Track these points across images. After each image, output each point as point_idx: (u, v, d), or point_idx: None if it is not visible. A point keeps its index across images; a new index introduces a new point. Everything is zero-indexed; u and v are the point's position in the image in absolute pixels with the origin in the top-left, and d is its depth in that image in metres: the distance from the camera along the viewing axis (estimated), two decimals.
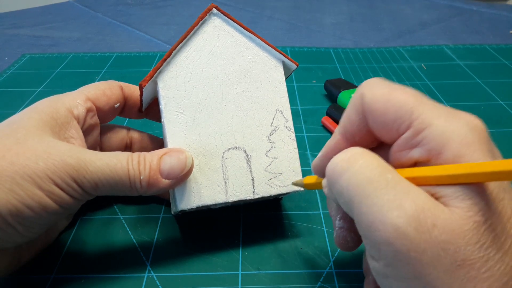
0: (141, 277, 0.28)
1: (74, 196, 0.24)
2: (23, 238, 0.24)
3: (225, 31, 0.29)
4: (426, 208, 0.16)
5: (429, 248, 0.16)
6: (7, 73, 0.57)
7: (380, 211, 0.17)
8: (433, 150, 0.18)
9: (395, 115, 0.18)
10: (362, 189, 0.17)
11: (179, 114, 0.28)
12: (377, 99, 0.19)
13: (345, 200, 0.18)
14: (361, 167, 0.18)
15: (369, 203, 0.17)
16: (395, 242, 0.16)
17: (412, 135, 0.18)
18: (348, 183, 0.18)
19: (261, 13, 0.82)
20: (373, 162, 0.18)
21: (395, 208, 0.16)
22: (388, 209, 0.16)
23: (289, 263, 0.29)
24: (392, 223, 0.16)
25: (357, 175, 0.18)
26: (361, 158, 0.18)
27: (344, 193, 0.18)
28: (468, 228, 0.16)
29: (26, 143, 0.23)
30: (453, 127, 0.17)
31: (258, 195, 0.28)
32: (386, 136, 0.20)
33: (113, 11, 0.83)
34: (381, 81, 0.20)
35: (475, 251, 0.16)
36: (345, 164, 0.19)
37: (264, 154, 0.28)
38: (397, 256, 0.16)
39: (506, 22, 0.75)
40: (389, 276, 0.17)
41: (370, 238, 0.17)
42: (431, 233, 0.16)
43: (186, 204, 0.27)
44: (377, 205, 0.17)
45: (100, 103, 0.29)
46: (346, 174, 0.18)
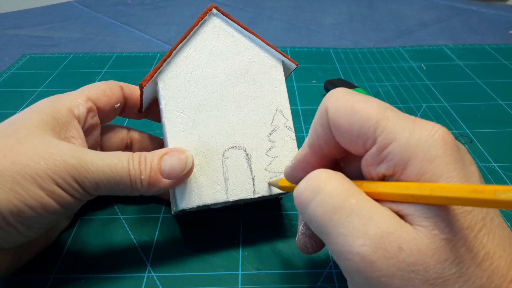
0: (141, 277, 0.28)
1: (75, 196, 0.24)
2: (24, 238, 0.24)
3: (225, 31, 0.29)
4: (390, 232, 0.16)
5: (398, 271, 0.16)
6: (7, 73, 0.57)
7: (347, 241, 0.17)
8: (398, 166, 0.17)
9: (359, 131, 0.18)
10: (328, 219, 0.17)
11: (180, 114, 0.28)
12: (341, 114, 0.19)
13: (315, 228, 0.19)
14: (325, 196, 0.18)
15: (336, 232, 0.17)
16: (364, 270, 0.16)
17: (377, 151, 0.18)
18: (314, 213, 0.18)
19: (261, 13, 0.82)
20: (337, 188, 0.18)
21: (360, 236, 0.16)
22: (353, 238, 0.16)
23: (289, 263, 0.29)
24: (358, 252, 0.16)
25: (321, 204, 0.18)
26: (325, 184, 0.18)
27: (313, 222, 0.18)
28: (436, 247, 0.16)
29: (27, 143, 0.23)
30: (417, 140, 0.17)
31: (258, 195, 0.28)
32: (353, 150, 0.19)
33: (113, 12, 0.83)
34: (344, 93, 0.19)
35: (446, 268, 0.16)
36: (309, 193, 0.19)
37: (264, 154, 0.28)
38: (369, 282, 0.16)
39: (506, 22, 0.75)
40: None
41: (341, 266, 0.17)
42: (398, 257, 0.16)
43: (187, 204, 0.27)
44: (343, 235, 0.17)
45: (101, 103, 0.29)
46: (311, 204, 0.18)
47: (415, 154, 0.17)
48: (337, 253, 0.17)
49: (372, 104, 0.18)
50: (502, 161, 0.38)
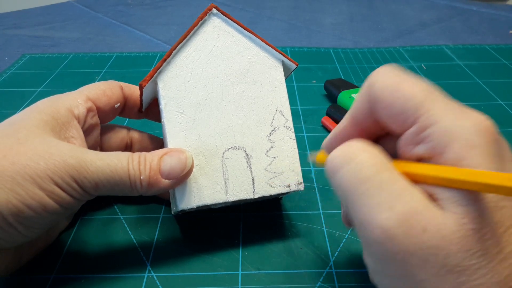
0: (141, 277, 0.28)
1: (74, 196, 0.24)
2: (24, 238, 0.24)
3: (225, 31, 0.29)
4: (418, 211, 0.16)
5: (417, 251, 0.16)
6: (7, 73, 0.57)
7: (371, 211, 0.17)
8: (436, 149, 0.17)
9: (401, 108, 0.18)
10: (356, 187, 0.17)
11: (179, 114, 0.28)
12: (386, 89, 0.19)
13: (341, 194, 0.19)
14: (358, 164, 0.18)
15: (362, 202, 0.17)
16: (383, 243, 0.16)
17: (417, 131, 0.18)
18: (344, 179, 0.18)
19: (261, 13, 0.82)
20: (371, 159, 0.18)
21: (386, 210, 0.16)
22: (379, 210, 0.16)
23: (289, 263, 0.29)
24: (381, 225, 0.16)
25: (353, 172, 0.18)
26: (360, 154, 0.18)
27: (340, 187, 0.18)
28: (462, 235, 0.16)
29: (27, 143, 0.23)
30: (459, 127, 0.17)
31: (258, 195, 0.28)
32: (392, 127, 0.19)
33: (113, 11, 0.83)
34: (393, 70, 0.19)
35: (466, 258, 0.15)
36: (343, 159, 0.18)
37: (264, 154, 0.28)
38: (386, 255, 0.16)
39: (506, 22, 0.75)
40: (378, 272, 0.18)
41: (361, 235, 0.18)
42: (421, 237, 0.16)
43: (187, 204, 0.27)
44: (369, 206, 0.17)
45: (101, 103, 0.29)
46: (342, 170, 0.18)
47: (456, 139, 0.17)
48: (359, 221, 0.17)
49: (419, 84, 0.18)
50: None
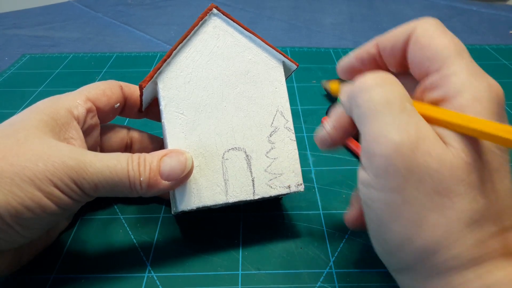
0: (141, 277, 0.28)
1: (73, 197, 0.24)
2: (23, 238, 0.24)
3: (225, 31, 0.29)
4: (428, 139, 0.18)
5: (418, 169, 0.18)
6: (7, 73, 0.57)
7: (387, 128, 0.19)
8: (448, 95, 0.20)
9: (432, 55, 0.20)
10: (381, 107, 0.19)
11: (179, 114, 0.28)
12: (427, 33, 0.21)
13: (361, 112, 0.20)
14: (388, 90, 0.20)
15: (382, 120, 0.19)
16: (391, 155, 0.18)
17: (440, 77, 0.20)
18: (371, 98, 0.20)
19: (261, 13, 0.82)
20: (399, 90, 0.20)
21: (402, 130, 0.18)
22: (394, 128, 0.18)
23: (289, 263, 0.29)
24: (393, 139, 0.18)
25: (382, 94, 0.20)
26: (391, 83, 0.20)
27: (363, 106, 0.20)
28: (457, 166, 0.18)
29: (26, 144, 0.23)
30: (474, 82, 0.19)
31: (258, 196, 0.28)
32: (415, 68, 0.22)
33: (113, 11, 0.83)
34: (438, 23, 0.22)
35: (456, 185, 0.18)
36: (378, 81, 0.20)
37: (264, 155, 0.28)
38: (388, 168, 0.18)
39: (506, 22, 0.75)
40: (372, 186, 0.19)
41: (369, 149, 0.19)
42: (425, 158, 0.18)
43: (186, 205, 0.27)
44: (387, 123, 0.19)
45: (100, 103, 0.29)
46: (373, 90, 0.20)
47: (469, 91, 0.19)
48: (372, 136, 0.19)
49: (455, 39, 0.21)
50: None
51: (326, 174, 0.37)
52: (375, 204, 0.19)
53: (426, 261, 0.19)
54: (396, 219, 0.19)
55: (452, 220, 0.18)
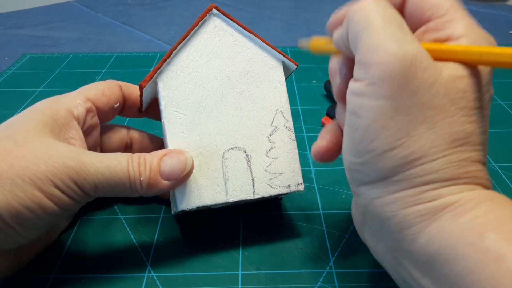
0: (141, 277, 0.28)
1: (74, 197, 0.24)
2: (23, 239, 0.24)
3: (225, 32, 0.29)
4: (425, 55, 0.19)
5: (415, 80, 0.18)
6: (7, 73, 0.57)
7: (388, 39, 0.19)
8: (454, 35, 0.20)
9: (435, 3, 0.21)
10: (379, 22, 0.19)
11: (179, 114, 0.28)
12: None
13: (359, 28, 0.20)
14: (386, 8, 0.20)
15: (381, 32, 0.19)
16: (389, 62, 0.18)
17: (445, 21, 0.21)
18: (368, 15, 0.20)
19: (261, 13, 0.82)
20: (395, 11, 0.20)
21: (401, 43, 0.19)
22: (394, 40, 0.19)
23: (289, 263, 0.29)
24: (393, 49, 0.18)
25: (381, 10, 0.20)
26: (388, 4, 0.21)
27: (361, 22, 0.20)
28: (452, 88, 0.19)
29: (26, 145, 0.23)
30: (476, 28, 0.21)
31: (258, 195, 0.28)
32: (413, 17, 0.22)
33: (113, 12, 0.83)
34: None
35: (448, 104, 0.19)
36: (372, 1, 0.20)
37: (264, 154, 0.28)
38: (385, 75, 0.19)
39: (506, 22, 0.75)
40: (365, 94, 0.20)
41: (365, 58, 0.19)
42: (423, 71, 0.19)
43: (186, 205, 0.27)
44: (387, 35, 0.19)
45: (100, 103, 0.29)
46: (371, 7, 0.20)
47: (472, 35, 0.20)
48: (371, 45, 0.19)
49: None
50: (502, 161, 0.38)
51: (326, 174, 0.37)
52: (365, 112, 0.20)
53: (405, 171, 0.19)
54: (386, 126, 0.19)
55: (439, 135, 0.19)
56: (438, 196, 0.19)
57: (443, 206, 0.19)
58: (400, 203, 0.19)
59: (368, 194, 0.21)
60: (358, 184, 0.22)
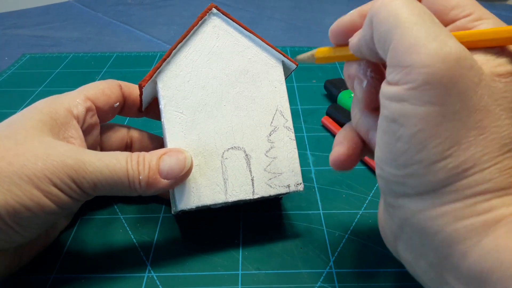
0: (141, 277, 0.28)
1: (72, 196, 0.24)
2: (22, 238, 0.24)
3: (224, 31, 0.29)
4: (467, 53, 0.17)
5: (462, 82, 0.17)
6: (7, 73, 0.57)
7: (425, 38, 0.17)
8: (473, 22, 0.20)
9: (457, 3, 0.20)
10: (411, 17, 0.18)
11: (179, 114, 0.28)
12: None
13: (387, 26, 0.18)
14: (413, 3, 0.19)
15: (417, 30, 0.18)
16: (434, 65, 0.17)
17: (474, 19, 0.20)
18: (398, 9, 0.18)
19: (261, 13, 0.82)
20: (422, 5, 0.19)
21: (440, 41, 0.17)
22: (433, 39, 0.17)
23: (289, 263, 0.29)
24: (435, 49, 0.17)
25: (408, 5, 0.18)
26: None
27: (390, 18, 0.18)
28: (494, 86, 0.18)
29: (25, 144, 0.23)
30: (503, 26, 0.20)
31: (257, 195, 0.28)
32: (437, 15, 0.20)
33: (113, 11, 0.83)
34: None
35: (494, 106, 0.17)
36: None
37: (263, 154, 0.28)
38: (429, 79, 0.17)
39: (506, 22, 0.75)
40: (406, 100, 0.18)
41: (403, 60, 0.18)
42: (468, 71, 0.17)
43: (186, 204, 0.27)
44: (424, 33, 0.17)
45: (100, 102, 0.29)
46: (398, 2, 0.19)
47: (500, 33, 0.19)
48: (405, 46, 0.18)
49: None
50: None
51: (326, 174, 0.37)
52: (409, 120, 0.18)
53: (455, 183, 0.18)
54: (434, 135, 0.17)
55: (489, 141, 0.17)
56: (491, 208, 0.17)
57: (497, 219, 0.17)
58: (450, 217, 0.18)
59: (411, 206, 0.19)
60: (397, 196, 0.20)
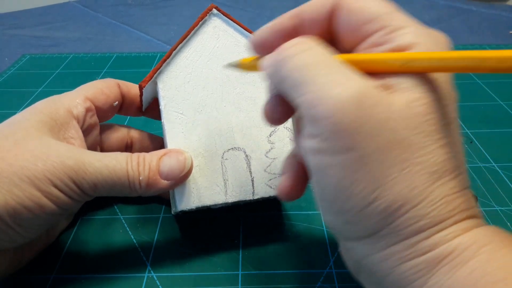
0: (141, 277, 0.28)
1: (72, 197, 0.24)
2: (23, 238, 0.24)
3: (225, 32, 0.29)
4: (370, 89, 0.17)
5: (368, 122, 0.17)
6: (7, 73, 0.57)
7: (325, 88, 0.17)
8: (401, 47, 0.18)
9: (371, 16, 0.19)
10: (310, 71, 0.18)
11: (179, 114, 0.28)
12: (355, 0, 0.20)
13: (291, 83, 0.19)
14: (314, 51, 0.19)
15: (315, 81, 0.18)
16: (336, 113, 0.17)
17: (387, 32, 0.19)
18: (299, 64, 0.18)
19: (261, 13, 0.82)
20: (322, 48, 0.19)
21: (339, 86, 0.17)
22: (332, 87, 0.17)
23: (289, 263, 0.29)
24: (334, 97, 0.17)
25: (309, 57, 0.18)
26: (312, 45, 0.19)
27: (291, 76, 0.19)
28: (409, 114, 0.17)
29: (25, 145, 0.23)
30: (425, 34, 0.19)
31: (257, 196, 0.28)
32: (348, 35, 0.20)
33: (113, 12, 0.83)
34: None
35: (412, 136, 0.17)
36: (298, 47, 0.19)
37: (263, 155, 0.28)
38: (336, 128, 0.17)
39: (506, 22, 0.75)
40: (323, 152, 0.18)
41: (311, 114, 0.18)
42: (372, 110, 0.17)
43: (186, 205, 0.27)
44: (323, 83, 0.17)
45: (99, 102, 0.29)
46: (297, 56, 0.19)
47: (422, 41, 0.18)
48: (310, 100, 0.17)
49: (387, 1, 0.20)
50: (502, 161, 0.38)
51: None
52: (329, 170, 0.18)
53: (390, 224, 0.17)
54: (355, 180, 0.17)
55: (415, 174, 0.17)
56: (433, 246, 0.17)
57: (440, 257, 0.17)
58: (394, 259, 0.17)
59: (358, 250, 0.19)
60: (345, 239, 0.20)
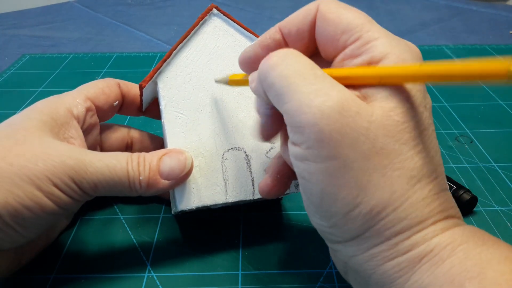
0: (141, 277, 0.28)
1: (73, 197, 0.24)
2: (23, 238, 0.24)
3: (225, 32, 0.29)
4: (351, 99, 0.18)
5: (350, 131, 0.18)
6: (7, 73, 0.57)
7: (308, 97, 0.18)
8: (375, 58, 0.19)
9: (346, 27, 0.20)
10: (294, 80, 0.19)
11: (179, 114, 0.28)
12: (331, 10, 0.21)
13: (276, 90, 0.19)
14: (295, 62, 0.19)
15: (299, 91, 0.18)
16: (319, 122, 0.17)
17: (361, 44, 0.20)
18: (281, 74, 0.19)
19: (261, 13, 0.82)
20: (305, 60, 0.20)
21: (322, 95, 0.18)
22: (315, 96, 0.18)
23: (289, 263, 0.29)
24: (318, 106, 0.18)
25: (290, 67, 0.19)
26: (295, 56, 0.20)
27: (276, 83, 0.19)
28: (389, 124, 0.18)
29: (25, 144, 0.23)
30: (396, 44, 0.19)
31: (258, 196, 0.28)
32: (328, 46, 0.21)
33: (113, 11, 0.83)
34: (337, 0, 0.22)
35: (391, 143, 0.18)
36: (280, 58, 0.20)
37: (264, 155, 0.28)
38: (320, 136, 0.18)
39: (506, 22, 0.75)
40: (308, 159, 0.19)
41: (295, 122, 0.18)
42: (354, 118, 0.18)
43: (186, 205, 0.27)
44: (306, 93, 0.18)
45: (99, 101, 0.29)
46: (280, 66, 0.19)
47: (394, 52, 0.19)
48: (294, 108, 0.18)
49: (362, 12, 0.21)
50: (502, 161, 0.38)
51: None
52: (314, 176, 0.19)
53: (373, 227, 0.18)
54: (339, 186, 0.18)
55: (394, 179, 0.18)
56: (413, 245, 0.18)
57: (420, 256, 0.18)
58: (377, 259, 0.19)
59: (344, 252, 0.20)
60: (332, 242, 0.21)
